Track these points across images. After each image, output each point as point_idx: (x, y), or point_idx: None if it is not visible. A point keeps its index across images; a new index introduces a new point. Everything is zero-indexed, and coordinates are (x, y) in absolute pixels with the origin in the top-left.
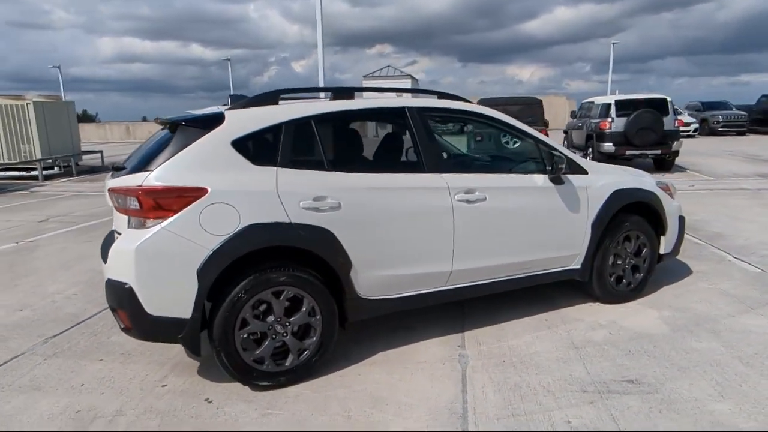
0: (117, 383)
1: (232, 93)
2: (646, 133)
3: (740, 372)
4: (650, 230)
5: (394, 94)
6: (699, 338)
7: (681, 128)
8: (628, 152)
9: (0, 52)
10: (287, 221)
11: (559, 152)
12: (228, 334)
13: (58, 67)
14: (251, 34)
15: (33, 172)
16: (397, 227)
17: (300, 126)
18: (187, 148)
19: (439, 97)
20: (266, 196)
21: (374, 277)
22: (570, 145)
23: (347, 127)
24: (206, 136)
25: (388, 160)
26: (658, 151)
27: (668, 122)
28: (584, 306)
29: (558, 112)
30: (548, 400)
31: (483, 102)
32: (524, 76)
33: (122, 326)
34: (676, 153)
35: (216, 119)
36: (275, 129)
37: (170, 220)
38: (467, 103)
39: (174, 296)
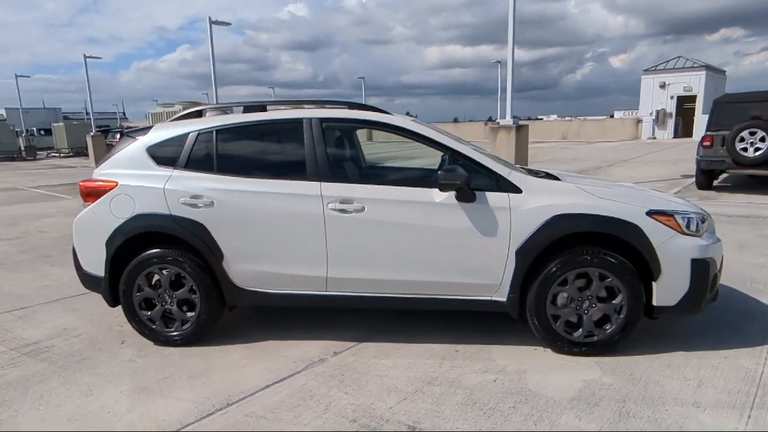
0: (107, 318)
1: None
2: None
3: None
4: (629, 271)
5: (303, 107)
6: (584, 415)
7: None
8: None
9: (354, 65)
10: (167, 213)
11: (458, 166)
12: (128, 295)
13: (362, 78)
14: (568, 31)
15: None
16: (269, 228)
17: (202, 135)
18: (119, 152)
19: (350, 108)
20: (155, 192)
21: (247, 270)
22: None
23: (246, 137)
24: (133, 143)
25: (276, 166)
26: None
27: None
28: (522, 348)
29: None
30: (308, 417)
31: (723, 99)
32: None
33: None
34: None
35: (145, 130)
36: (182, 137)
37: (94, 203)
38: (379, 114)
39: (93, 259)
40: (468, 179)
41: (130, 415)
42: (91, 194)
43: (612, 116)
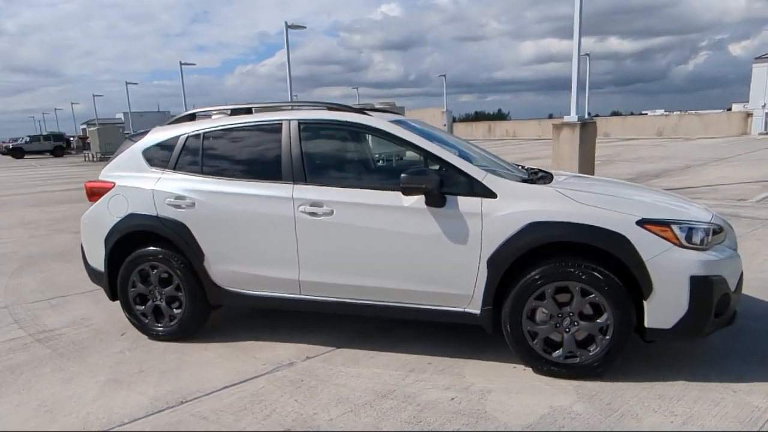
0: (120, 311)
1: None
2: None
3: None
4: (615, 287)
5: (283, 109)
6: None
7: None
8: None
9: (445, 63)
10: (155, 214)
11: (425, 168)
12: (125, 290)
13: (444, 76)
14: (680, 17)
15: None
16: (245, 229)
17: (191, 138)
18: (121, 154)
19: (329, 109)
20: (145, 193)
21: (226, 270)
22: None
23: (230, 139)
24: (132, 145)
25: (256, 168)
26: None
27: None
28: (500, 365)
29: None
30: (246, 422)
31: None
32: None
33: None
34: None
35: (144, 133)
36: (173, 141)
37: (96, 203)
38: (355, 114)
39: (95, 254)
40: (435, 182)
41: (91, 406)
42: (94, 194)
43: (729, 109)
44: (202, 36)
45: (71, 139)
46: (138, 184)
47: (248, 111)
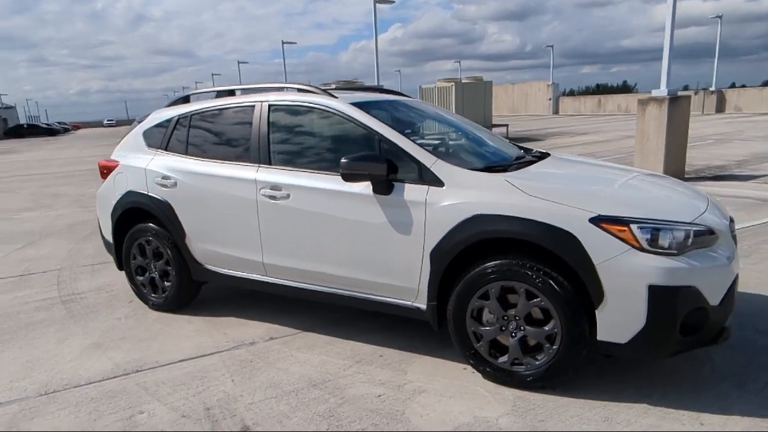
0: None
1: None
2: None
3: None
4: (563, 292)
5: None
6: None
7: None
8: None
9: (567, 32)
10: (146, 192)
11: (370, 153)
12: (128, 261)
13: (551, 47)
14: None
15: None
16: (217, 209)
17: (181, 120)
18: (128, 135)
19: (299, 91)
20: (140, 172)
21: (204, 249)
22: None
23: (212, 121)
24: (137, 127)
25: (230, 150)
26: None
27: None
28: (452, 365)
29: None
30: (177, 397)
31: None
32: None
33: None
34: None
35: (149, 116)
36: (167, 122)
37: (106, 180)
38: (319, 96)
39: (105, 226)
40: (379, 169)
41: (65, 365)
42: (105, 171)
43: None
44: (320, 14)
45: None
46: (135, 163)
47: (231, 93)
